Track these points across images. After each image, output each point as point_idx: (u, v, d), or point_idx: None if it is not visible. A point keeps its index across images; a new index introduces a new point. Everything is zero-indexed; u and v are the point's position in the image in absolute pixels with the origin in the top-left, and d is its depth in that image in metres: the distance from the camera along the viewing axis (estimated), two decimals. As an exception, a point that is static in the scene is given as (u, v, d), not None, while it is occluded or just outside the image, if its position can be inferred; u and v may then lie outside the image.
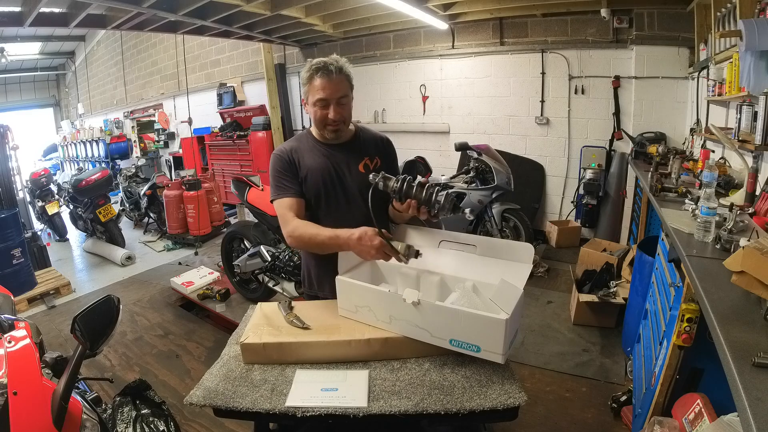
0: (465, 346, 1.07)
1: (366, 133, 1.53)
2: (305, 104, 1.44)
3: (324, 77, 1.33)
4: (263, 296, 3.09)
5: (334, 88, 1.34)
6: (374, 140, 1.54)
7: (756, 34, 1.66)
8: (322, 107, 1.36)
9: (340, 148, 1.46)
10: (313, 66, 1.35)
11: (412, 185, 1.24)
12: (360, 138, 1.50)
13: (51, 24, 4.07)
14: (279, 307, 1.33)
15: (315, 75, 1.34)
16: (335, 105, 1.36)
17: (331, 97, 1.34)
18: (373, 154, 1.50)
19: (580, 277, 3.15)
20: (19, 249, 3.57)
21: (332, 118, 1.37)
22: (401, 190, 1.24)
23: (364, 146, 1.49)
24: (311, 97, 1.37)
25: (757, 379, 0.75)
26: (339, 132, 1.42)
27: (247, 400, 1.02)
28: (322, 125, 1.41)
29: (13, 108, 11.75)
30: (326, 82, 1.33)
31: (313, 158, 1.44)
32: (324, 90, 1.33)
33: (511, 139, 4.74)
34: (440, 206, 1.21)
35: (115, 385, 2.04)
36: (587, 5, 3.99)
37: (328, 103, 1.35)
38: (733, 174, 2.28)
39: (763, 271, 0.91)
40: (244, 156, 6.58)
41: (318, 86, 1.34)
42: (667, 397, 1.51)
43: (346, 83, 1.37)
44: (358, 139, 1.50)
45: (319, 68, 1.33)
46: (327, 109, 1.36)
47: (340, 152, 1.46)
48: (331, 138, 1.44)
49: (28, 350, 1.14)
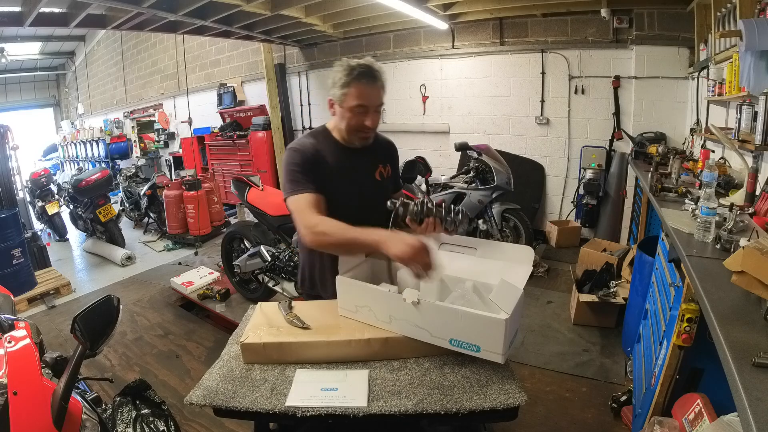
0: (465, 346, 1.07)
1: (378, 136, 1.53)
2: (334, 105, 1.36)
3: (367, 84, 1.29)
4: (263, 296, 3.09)
5: (375, 96, 1.31)
6: (384, 145, 1.55)
7: (756, 34, 1.66)
8: (360, 114, 1.32)
9: (360, 153, 1.44)
10: (354, 69, 1.28)
11: (430, 207, 1.28)
12: (376, 142, 1.49)
13: (51, 24, 4.06)
14: (279, 307, 1.33)
15: (357, 80, 1.28)
16: (373, 113, 1.33)
17: (371, 104, 1.32)
18: (385, 161, 1.51)
19: (580, 277, 3.15)
20: (19, 249, 3.57)
21: (369, 126, 1.34)
22: (421, 212, 1.27)
23: (378, 151, 1.50)
24: (349, 101, 1.31)
25: (757, 379, 0.75)
26: (368, 139, 1.41)
27: (247, 400, 1.02)
28: (354, 131, 1.37)
29: (13, 108, 11.75)
30: (368, 89, 1.30)
31: (335, 159, 1.39)
32: (365, 97, 1.30)
33: (511, 139, 4.74)
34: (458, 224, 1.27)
35: (115, 385, 2.04)
36: (587, 5, 3.99)
37: (367, 110, 1.32)
38: (733, 174, 2.28)
39: (763, 271, 0.91)
40: (244, 156, 6.59)
41: (359, 92, 1.29)
42: (667, 397, 1.51)
43: (383, 91, 1.35)
44: (375, 143, 1.49)
45: (363, 73, 1.28)
46: (365, 116, 1.33)
47: (360, 158, 1.44)
48: (360, 143, 1.41)
49: (28, 350, 1.14)
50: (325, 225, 1.24)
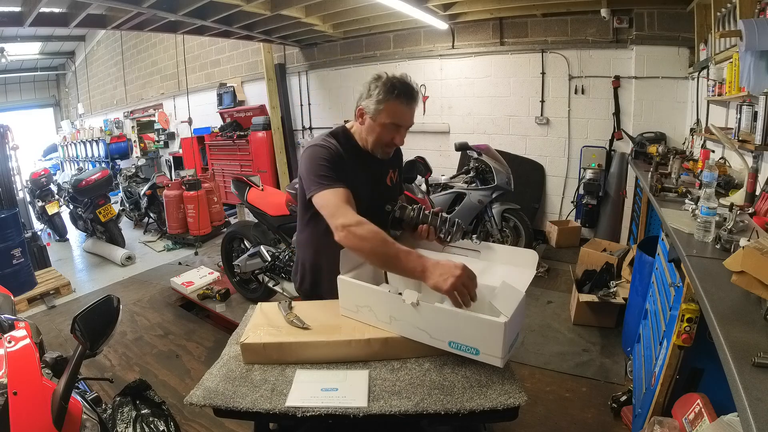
0: (464, 349, 1.06)
1: None
2: (365, 116, 1.33)
3: (406, 104, 1.29)
4: (263, 296, 3.10)
5: (410, 116, 1.32)
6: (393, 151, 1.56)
7: (756, 34, 1.66)
8: (392, 131, 1.32)
9: (375, 159, 1.43)
10: (396, 86, 1.27)
11: (426, 214, 1.32)
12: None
13: (51, 24, 4.06)
14: (279, 307, 1.33)
15: (396, 99, 1.27)
16: (403, 130, 1.34)
17: (405, 124, 1.32)
18: (394, 166, 1.52)
19: (580, 277, 3.15)
20: (19, 249, 3.57)
21: (398, 144, 1.36)
22: (417, 218, 1.32)
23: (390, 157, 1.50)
24: (384, 117, 1.29)
25: (757, 379, 0.75)
26: (390, 153, 1.42)
27: (247, 400, 1.02)
28: (381, 146, 1.37)
29: (13, 108, 11.75)
30: (407, 110, 1.30)
31: (355, 164, 1.37)
32: (403, 116, 1.30)
33: (511, 139, 4.74)
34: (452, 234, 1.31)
35: (115, 385, 2.04)
36: (587, 5, 3.99)
37: (399, 129, 1.33)
38: (733, 174, 2.28)
39: (763, 271, 0.91)
40: (244, 156, 6.59)
41: (396, 110, 1.28)
42: (667, 397, 1.51)
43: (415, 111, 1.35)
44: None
45: (403, 92, 1.27)
46: (395, 134, 1.33)
47: (376, 163, 1.44)
48: (381, 156, 1.41)
49: (28, 350, 1.14)
50: (365, 229, 1.16)
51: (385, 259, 1.16)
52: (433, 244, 1.40)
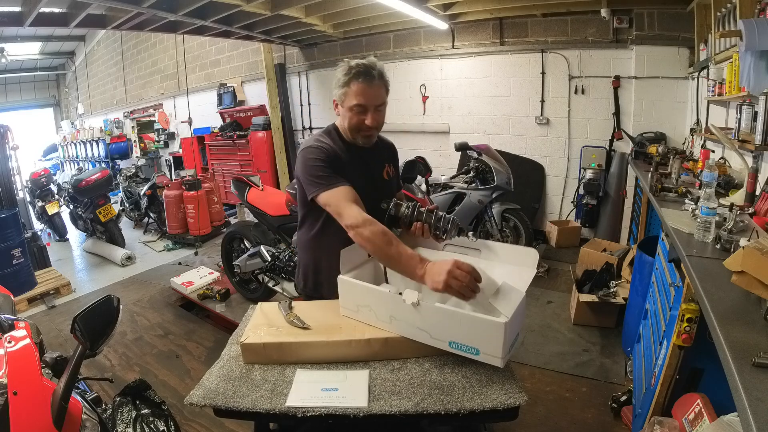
0: (464, 349, 1.06)
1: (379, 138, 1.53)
2: (336, 105, 1.38)
3: (365, 82, 1.29)
4: (263, 296, 3.10)
5: (374, 95, 1.31)
6: (387, 146, 1.57)
7: (756, 34, 1.66)
8: (359, 113, 1.33)
9: (368, 153, 1.44)
10: (353, 69, 1.29)
11: (421, 211, 1.30)
12: (379, 143, 1.50)
13: (51, 24, 4.06)
14: (279, 307, 1.33)
15: (355, 79, 1.28)
16: (373, 112, 1.33)
17: (370, 103, 1.31)
18: (389, 161, 1.52)
19: (580, 277, 3.15)
20: (19, 249, 3.57)
21: (369, 125, 1.34)
22: (412, 215, 1.31)
23: (383, 152, 1.51)
24: (348, 101, 1.32)
25: (757, 379, 0.75)
26: (372, 138, 1.41)
27: (247, 400, 1.02)
28: (355, 130, 1.37)
29: (13, 108, 11.75)
30: (366, 88, 1.29)
31: (349, 159, 1.39)
32: (363, 96, 1.30)
33: (511, 139, 4.74)
34: (446, 232, 1.29)
35: (115, 385, 2.04)
36: (587, 5, 3.99)
37: (366, 110, 1.32)
38: (733, 174, 2.28)
39: (763, 271, 0.91)
40: (244, 156, 6.59)
41: (357, 91, 1.29)
42: (667, 397, 1.51)
43: (384, 90, 1.34)
44: (379, 143, 1.50)
45: (361, 72, 1.28)
46: (364, 115, 1.33)
47: (369, 157, 1.45)
48: (363, 143, 1.41)
49: (28, 350, 1.14)
50: (369, 231, 1.19)
51: (387, 260, 1.22)
52: (432, 242, 1.40)
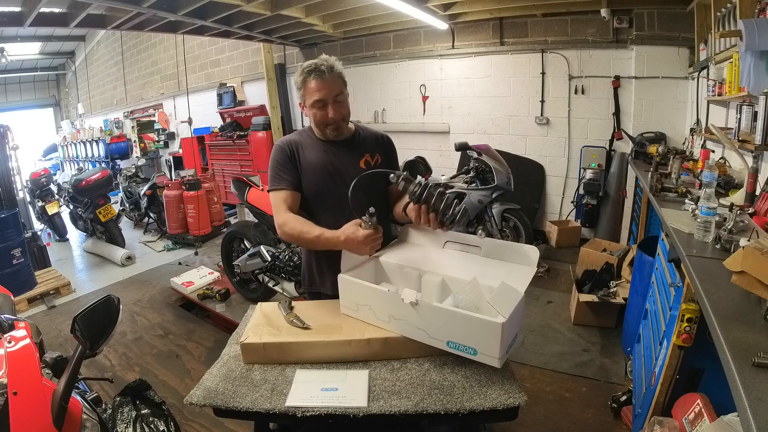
0: (462, 349, 1.06)
1: (366, 131, 1.55)
2: (303, 107, 1.45)
3: (317, 78, 1.35)
4: (263, 296, 3.09)
5: (329, 88, 1.36)
6: (374, 137, 1.56)
7: (756, 34, 1.66)
8: (321, 108, 1.38)
9: (340, 145, 1.47)
10: (305, 69, 1.37)
11: (432, 192, 1.20)
12: (360, 135, 1.52)
13: (51, 24, 4.07)
14: (279, 307, 1.33)
15: (308, 78, 1.36)
16: (333, 104, 1.38)
17: (327, 96, 1.37)
18: (373, 150, 1.51)
19: (580, 277, 3.14)
20: (19, 249, 3.57)
21: (332, 117, 1.39)
22: (421, 194, 1.20)
23: (364, 143, 1.51)
24: (308, 99, 1.39)
25: (757, 379, 0.75)
26: (340, 130, 1.45)
27: (247, 400, 1.02)
28: (323, 125, 1.43)
29: (13, 108, 11.75)
30: (320, 83, 1.35)
31: (313, 153, 1.45)
32: (320, 91, 1.36)
33: (511, 139, 4.74)
34: (455, 220, 1.21)
35: (115, 385, 2.04)
36: (587, 5, 3.99)
37: (325, 104, 1.38)
38: (733, 174, 2.28)
39: (763, 271, 0.91)
40: (244, 156, 6.58)
41: (313, 88, 1.36)
42: (667, 397, 1.51)
43: (339, 81, 1.39)
44: (358, 136, 1.52)
45: (311, 70, 1.35)
46: (325, 109, 1.39)
47: (341, 149, 1.47)
48: (333, 136, 1.45)
49: (28, 350, 1.14)
50: (291, 224, 1.35)
51: (310, 244, 1.36)
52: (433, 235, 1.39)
